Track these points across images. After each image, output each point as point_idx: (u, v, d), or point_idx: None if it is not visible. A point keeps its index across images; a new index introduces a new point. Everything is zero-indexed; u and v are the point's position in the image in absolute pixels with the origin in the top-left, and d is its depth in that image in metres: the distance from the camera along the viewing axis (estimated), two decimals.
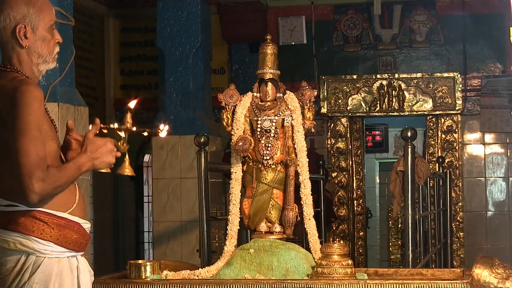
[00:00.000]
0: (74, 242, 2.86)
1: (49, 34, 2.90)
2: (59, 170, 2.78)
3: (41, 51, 2.88)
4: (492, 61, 8.87)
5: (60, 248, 2.82)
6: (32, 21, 2.86)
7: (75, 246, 2.87)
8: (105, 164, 2.90)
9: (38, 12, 2.87)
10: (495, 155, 8.82)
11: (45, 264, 2.79)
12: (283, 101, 3.77)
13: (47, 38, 2.89)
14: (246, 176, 3.78)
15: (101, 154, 2.87)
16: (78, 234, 2.87)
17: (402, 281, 3.36)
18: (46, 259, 2.80)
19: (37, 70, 2.91)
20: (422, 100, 8.47)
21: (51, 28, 2.90)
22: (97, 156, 2.86)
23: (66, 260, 2.85)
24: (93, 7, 8.90)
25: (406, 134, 4.38)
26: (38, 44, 2.88)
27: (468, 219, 8.68)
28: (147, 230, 9.56)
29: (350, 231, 8.64)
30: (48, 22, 2.89)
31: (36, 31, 2.87)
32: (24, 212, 2.78)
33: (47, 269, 2.79)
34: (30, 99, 2.73)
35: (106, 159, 2.88)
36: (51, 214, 2.80)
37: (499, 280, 3.42)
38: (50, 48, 2.90)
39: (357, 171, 8.74)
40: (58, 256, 2.82)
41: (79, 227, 2.88)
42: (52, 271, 2.80)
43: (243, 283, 3.42)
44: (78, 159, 2.83)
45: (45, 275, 2.78)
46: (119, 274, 3.67)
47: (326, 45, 9.12)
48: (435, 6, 9.00)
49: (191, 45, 7.57)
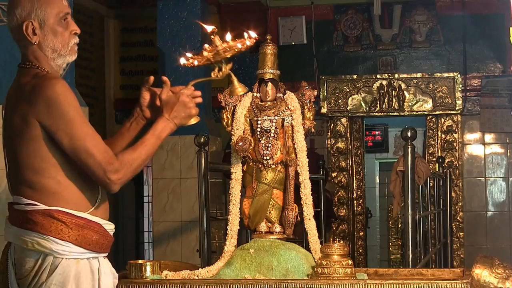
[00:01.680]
0: (95, 243, 2.79)
1: (60, 26, 2.82)
2: (132, 151, 2.79)
3: (54, 44, 2.82)
4: (492, 61, 8.87)
5: (79, 249, 2.76)
6: (39, 16, 2.80)
7: (96, 247, 2.80)
8: (186, 119, 2.92)
9: (44, 6, 2.80)
10: (495, 155, 8.82)
11: (63, 265, 2.73)
12: (283, 101, 3.77)
13: (58, 31, 2.82)
14: (246, 176, 3.78)
15: (177, 111, 2.89)
16: (99, 235, 2.80)
17: (402, 281, 3.35)
18: (64, 260, 2.74)
19: (55, 64, 2.85)
20: (422, 100, 8.47)
21: (62, 20, 2.82)
22: (175, 115, 2.88)
23: (85, 262, 2.79)
24: (93, 7, 8.90)
25: (406, 134, 4.38)
26: (49, 38, 2.82)
27: (468, 219, 8.68)
28: (147, 230, 9.56)
29: (350, 231, 8.64)
30: (57, 14, 2.81)
31: (44, 26, 2.81)
32: (42, 211, 2.73)
33: (65, 270, 2.73)
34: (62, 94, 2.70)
35: (185, 113, 2.91)
36: (70, 214, 2.75)
37: (499, 280, 3.42)
38: (64, 40, 2.83)
39: (357, 171, 8.74)
40: (76, 257, 2.76)
41: (99, 227, 2.81)
42: (70, 273, 2.74)
43: (243, 283, 3.42)
44: (156, 127, 2.86)
45: (62, 276, 2.72)
46: (119, 274, 3.66)
47: (326, 45, 9.13)
48: (435, 6, 9.01)
49: (191, 45, 7.57)
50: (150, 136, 2.83)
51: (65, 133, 2.70)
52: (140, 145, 2.81)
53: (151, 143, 2.83)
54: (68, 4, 2.88)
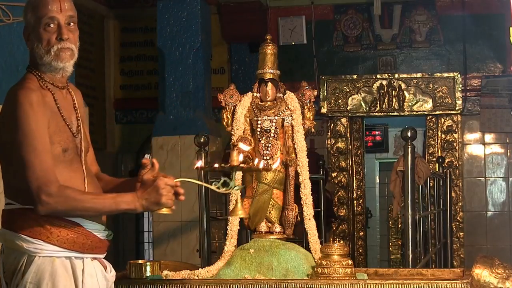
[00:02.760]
0: (71, 242, 2.77)
1: (45, 32, 2.82)
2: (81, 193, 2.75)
3: (39, 51, 2.83)
4: (492, 61, 8.86)
5: (52, 247, 2.75)
6: (29, 22, 2.84)
7: (75, 247, 2.79)
8: (154, 205, 2.76)
9: (33, 12, 2.84)
10: (495, 155, 8.82)
11: (37, 263, 2.73)
12: (283, 101, 3.77)
13: (43, 37, 2.82)
14: (246, 176, 3.78)
15: (148, 194, 2.75)
16: (77, 234, 2.79)
17: (402, 281, 3.36)
18: (37, 257, 2.74)
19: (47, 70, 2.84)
20: (422, 100, 8.47)
21: (47, 26, 2.82)
22: (145, 197, 2.75)
23: (63, 261, 2.78)
24: (93, 7, 8.90)
25: (406, 134, 4.38)
26: (36, 44, 2.83)
27: (468, 219, 8.67)
28: (147, 230, 9.56)
29: (350, 231, 8.64)
30: (41, 20, 2.82)
31: (33, 33, 2.84)
32: (17, 211, 2.76)
33: (39, 268, 2.73)
34: (24, 106, 2.70)
35: (155, 199, 2.74)
36: None
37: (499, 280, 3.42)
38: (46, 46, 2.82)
39: (357, 171, 8.74)
40: (51, 255, 2.75)
41: (77, 226, 2.79)
42: (45, 271, 2.73)
43: (243, 283, 3.42)
44: (122, 196, 2.76)
45: (37, 274, 2.73)
46: (119, 274, 3.65)
47: (326, 45, 9.12)
48: (435, 6, 9.00)
49: (191, 45, 7.57)
50: (110, 198, 2.77)
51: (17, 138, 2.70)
52: (94, 196, 2.78)
53: (106, 203, 2.76)
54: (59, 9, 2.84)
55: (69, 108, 2.90)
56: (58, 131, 2.79)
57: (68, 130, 2.84)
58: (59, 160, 2.78)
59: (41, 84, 2.83)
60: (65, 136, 2.82)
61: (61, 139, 2.80)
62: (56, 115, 2.80)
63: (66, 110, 2.87)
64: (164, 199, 2.75)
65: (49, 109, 2.78)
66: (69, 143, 2.83)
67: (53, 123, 2.78)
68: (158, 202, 2.75)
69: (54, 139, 2.77)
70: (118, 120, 9.30)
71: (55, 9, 2.83)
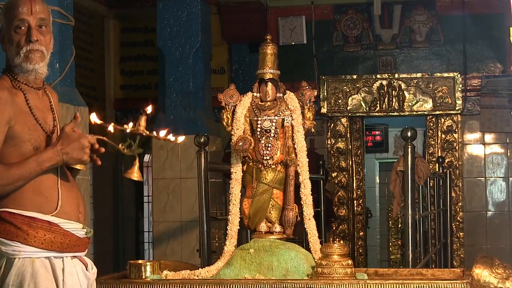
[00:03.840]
0: (49, 242, 2.78)
1: (15, 34, 2.84)
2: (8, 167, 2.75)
3: (10, 53, 2.86)
4: (492, 61, 8.86)
5: (31, 248, 2.76)
6: (3, 25, 2.87)
7: (53, 247, 2.80)
8: (75, 161, 2.83)
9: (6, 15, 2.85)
10: (495, 155, 8.82)
11: (17, 265, 2.74)
12: (283, 101, 3.77)
13: (14, 39, 2.84)
14: (246, 176, 3.78)
15: (71, 149, 2.81)
16: (54, 233, 2.80)
17: (402, 281, 3.36)
18: (17, 259, 2.75)
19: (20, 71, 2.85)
20: (422, 100, 8.47)
21: (17, 28, 2.84)
22: (67, 151, 2.80)
23: (43, 261, 2.79)
24: (93, 7, 8.90)
25: (406, 134, 4.38)
26: (8, 46, 2.86)
27: (468, 219, 8.67)
28: (147, 230, 9.56)
29: (350, 231, 8.64)
30: (11, 22, 2.84)
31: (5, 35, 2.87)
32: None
33: (20, 270, 2.74)
34: None
35: (77, 155, 2.82)
36: (18, 214, 2.76)
37: (499, 280, 3.42)
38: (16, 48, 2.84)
39: (357, 171, 8.74)
40: (30, 256, 2.76)
41: (53, 226, 2.80)
42: (26, 273, 2.74)
43: (243, 283, 3.42)
44: (42, 154, 2.79)
45: (18, 277, 2.73)
46: (119, 274, 3.67)
47: (326, 45, 9.12)
48: (435, 6, 9.00)
49: (191, 45, 7.57)
50: (32, 161, 2.78)
51: None
52: (17, 166, 2.77)
53: (30, 168, 2.77)
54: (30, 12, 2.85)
55: (44, 108, 2.93)
56: (28, 130, 2.82)
57: (41, 129, 2.86)
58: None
59: (14, 84, 2.85)
60: (36, 135, 2.84)
61: (32, 137, 2.83)
62: (26, 114, 2.83)
63: (40, 110, 2.89)
64: (86, 157, 2.85)
65: (17, 108, 2.80)
66: (40, 142, 2.85)
67: (21, 121, 2.80)
68: (80, 159, 2.84)
69: (24, 137, 2.80)
70: (118, 120, 9.29)
71: (25, 11, 2.84)
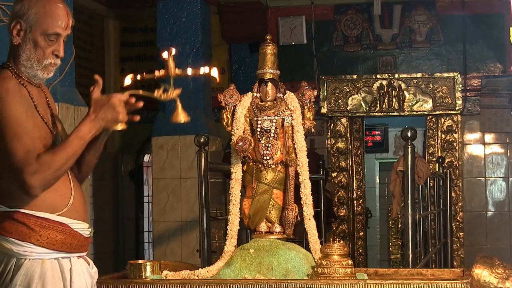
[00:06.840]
0: (60, 243, 2.78)
1: (43, 41, 2.78)
2: (54, 152, 2.70)
3: (30, 54, 2.79)
4: (492, 61, 8.87)
5: (42, 249, 2.75)
6: (30, 21, 2.77)
7: (63, 247, 2.80)
8: (111, 123, 2.78)
9: (40, 16, 2.77)
10: (495, 155, 8.82)
11: (26, 266, 2.74)
12: (283, 101, 3.77)
13: (40, 45, 2.78)
14: (246, 176, 3.78)
15: (105, 113, 2.76)
16: (64, 234, 2.79)
17: (402, 281, 3.36)
18: (27, 260, 2.74)
19: (26, 72, 2.80)
20: (422, 100, 8.47)
21: (49, 38, 2.78)
22: (102, 117, 2.76)
23: (52, 262, 2.78)
24: (93, 7, 8.90)
25: (406, 134, 4.38)
26: (28, 46, 2.78)
27: (468, 219, 8.68)
28: (147, 230, 9.56)
29: (350, 231, 8.64)
30: (46, 30, 2.77)
31: (29, 33, 2.78)
32: (3, 214, 2.74)
33: (29, 271, 2.73)
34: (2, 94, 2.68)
35: (111, 116, 2.77)
36: (30, 215, 2.74)
37: (499, 280, 3.42)
38: (41, 56, 2.79)
39: (357, 171, 8.74)
40: (41, 257, 2.76)
41: (64, 227, 2.80)
42: (35, 273, 2.73)
43: (243, 283, 3.42)
44: (80, 128, 2.75)
45: (26, 277, 2.73)
46: (119, 274, 3.66)
47: (326, 45, 9.13)
48: (435, 6, 9.01)
49: (191, 45, 7.57)
50: (73, 138, 2.74)
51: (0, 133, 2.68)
52: (62, 147, 2.73)
53: (74, 144, 2.72)
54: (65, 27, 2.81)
55: (44, 105, 2.88)
56: (37, 126, 2.77)
57: (46, 126, 2.82)
58: None
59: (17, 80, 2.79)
60: (43, 132, 2.80)
61: (41, 135, 2.77)
62: (33, 110, 2.77)
63: (42, 107, 2.84)
64: (121, 116, 2.79)
65: (26, 101, 2.76)
66: (48, 139, 2.81)
67: (31, 117, 2.75)
68: (116, 120, 2.78)
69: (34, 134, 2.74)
70: None
71: (63, 26, 2.81)
